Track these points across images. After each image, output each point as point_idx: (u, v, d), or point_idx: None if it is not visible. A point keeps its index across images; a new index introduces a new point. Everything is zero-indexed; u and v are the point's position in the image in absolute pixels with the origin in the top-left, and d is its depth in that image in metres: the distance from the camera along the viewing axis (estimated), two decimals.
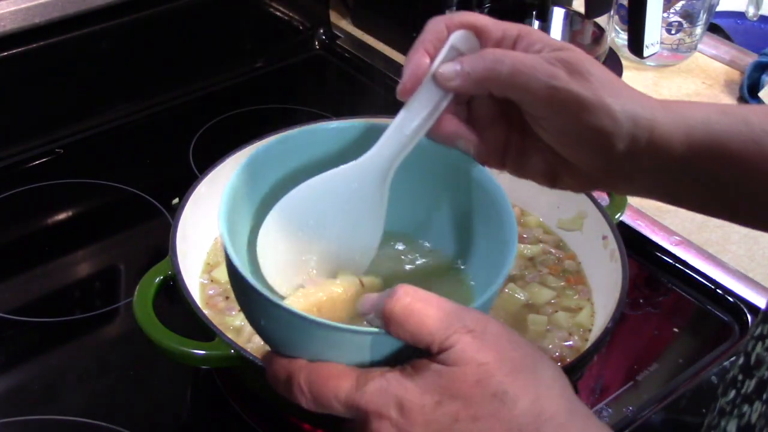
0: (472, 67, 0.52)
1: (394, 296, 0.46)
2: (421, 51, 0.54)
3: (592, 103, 0.50)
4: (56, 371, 0.74)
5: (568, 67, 0.51)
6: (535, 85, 0.50)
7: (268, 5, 1.16)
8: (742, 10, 1.29)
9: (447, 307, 0.46)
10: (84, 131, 1.00)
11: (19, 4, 0.92)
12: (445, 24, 0.55)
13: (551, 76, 0.50)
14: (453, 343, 0.45)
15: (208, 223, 0.77)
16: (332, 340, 0.48)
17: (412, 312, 0.45)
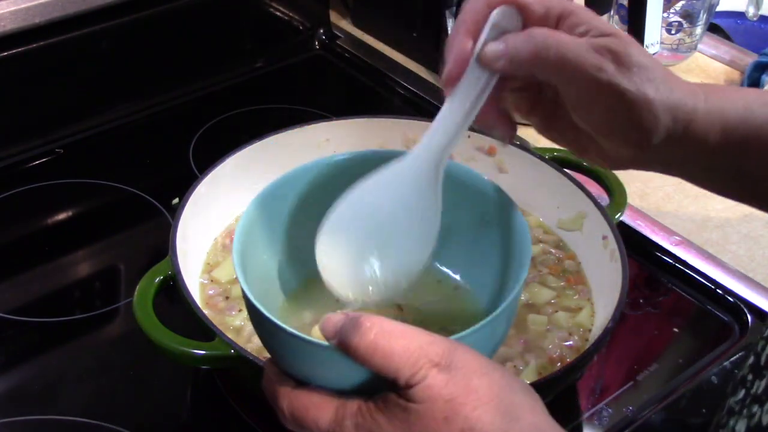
0: (517, 48, 0.50)
1: (358, 330, 0.45)
2: (462, 33, 0.52)
3: (635, 98, 0.49)
4: (56, 371, 0.74)
5: (615, 57, 0.49)
6: (581, 75, 0.49)
7: (268, 5, 1.16)
8: (742, 10, 1.28)
9: (412, 341, 0.45)
10: (84, 131, 1.00)
11: (19, 4, 0.92)
12: (485, 1, 0.52)
13: (598, 68, 0.49)
14: (419, 379, 0.45)
15: (208, 223, 0.77)
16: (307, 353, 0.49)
17: (376, 349, 0.45)
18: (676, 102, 0.51)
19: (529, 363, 0.68)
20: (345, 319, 0.46)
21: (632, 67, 0.49)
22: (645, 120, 0.50)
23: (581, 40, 0.50)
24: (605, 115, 0.51)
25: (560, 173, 0.79)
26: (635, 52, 0.50)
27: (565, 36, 0.50)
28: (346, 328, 0.46)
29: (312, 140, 0.82)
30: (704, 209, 0.92)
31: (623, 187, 0.79)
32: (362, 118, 0.82)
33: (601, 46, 0.50)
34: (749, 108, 0.52)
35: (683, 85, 0.52)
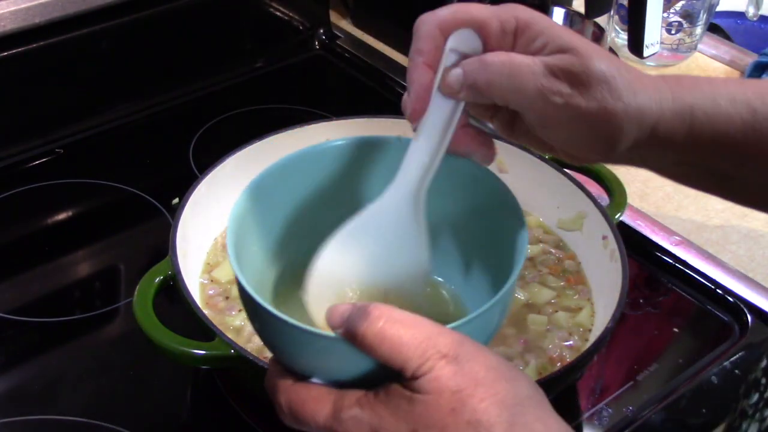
0: (474, 77, 0.50)
1: (367, 318, 0.45)
2: (420, 66, 0.52)
3: (596, 115, 0.49)
4: (56, 371, 0.74)
5: (572, 78, 0.48)
6: (537, 101, 0.49)
7: (268, 5, 1.15)
8: (742, 10, 1.28)
9: (421, 331, 0.45)
10: (84, 131, 1.00)
11: (19, 4, 0.92)
12: (437, 26, 0.51)
13: (553, 93, 0.48)
14: (427, 370, 0.44)
15: (208, 223, 0.77)
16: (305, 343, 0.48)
17: (384, 337, 0.45)
18: (641, 107, 0.50)
19: (529, 363, 0.68)
20: (352, 308, 0.46)
21: (591, 84, 0.48)
22: (608, 132, 0.50)
23: (537, 64, 0.49)
24: (566, 134, 0.51)
25: (560, 173, 0.79)
26: (596, 66, 0.48)
27: (519, 60, 0.49)
28: (353, 316, 0.46)
29: (312, 140, 0.81)
30: (704, 209, 0.92)
31: (623, 187, 0.79)
32: (362, 118, 0.82)
33: (557, 67, 0.49)
34: (717, 104, 0.50)
35: (648, 86, 0.50)
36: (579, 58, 0.49)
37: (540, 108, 0.49)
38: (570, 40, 0.49)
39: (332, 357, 0.48)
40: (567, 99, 0.48)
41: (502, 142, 0.82)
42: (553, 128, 0.51)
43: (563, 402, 0.71)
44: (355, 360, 0.46)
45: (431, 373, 0.44)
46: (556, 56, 0.49)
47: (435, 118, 0.52)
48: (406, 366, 0.45)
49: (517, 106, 0.50)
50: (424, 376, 0.44)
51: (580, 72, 0.48)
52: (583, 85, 0.48)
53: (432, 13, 0.52)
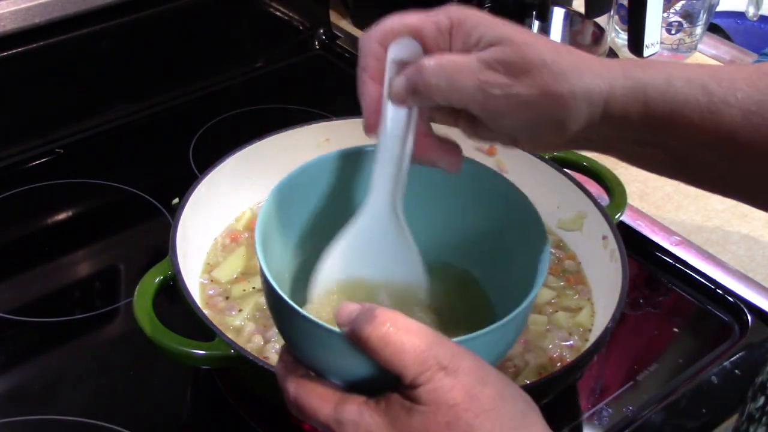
0: (415, 83, 0.51)
1: (372, 321, 0.46)
2: (367, 81, 0.53)
3: (538, 99, 0.49)
4: (56, 371, 0.74)
5: (507, 68, 0.49)
6: (477, 97, 0.49)
7: (268, 5, 1.16)
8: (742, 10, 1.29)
9: (423, 341, 0.45)
10: (84, 131, 1.00)
11: (19, 4, 0.92)
12: (376, 41, 0.53)
13: (491, 85, 0.49)
14: (425, 380, 0.45)
15: (208, 223, 0.77)
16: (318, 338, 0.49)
17: (387, 343, 0.45)
18: (587, 87, 0.49)
19: (529, 363, 0.68)
20: (360, 308, 0.47)
21: (530, 70, 0.49)
22: (557, 115, 0.50)
23: (472, 60, 0.50)
24: (515, 122, 0.51)
25: (560, 173, 0.79)
26: (532, 52, 0.49)
27: (454, 59, 0.50)
28: (360, 317, 0.46)
29: (312, 140, 0.82)
30: (704, 209, 0.92)
31: (623, 187, 0.79)
32: (362, 118, 0.82)
33: (492, 59, 0.49)
34: (671, 84, 0.50)
35: (595, 66, 0.50)
36: (513, 47, 0.49)
37: (482, 102, 0.50)
38: (504, 31, 0.50)
39: (337, 353, 0.48)
40: (506, 89, 0.49)
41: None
42: (501, 119, 0.51)
43: (563, 402, 0.71)
44: (359, 360, 0.47)
45: (430, 384, 0.45)
46: (490, 49, 0.50)
47: (391, 129, 0.53)
48: (404, 372, 0.45)
49: (459, 104, 0.51)
50: (423, 386, 0.45)
51: (515, 60, 0.49)
52: (522, 73, 0.49)
53: (370, 30, 0.53)
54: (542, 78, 0.49)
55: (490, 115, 0.51)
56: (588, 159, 0.83)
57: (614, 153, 0.55)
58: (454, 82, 0.50)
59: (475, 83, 0.49)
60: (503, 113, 0.50)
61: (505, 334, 0.54)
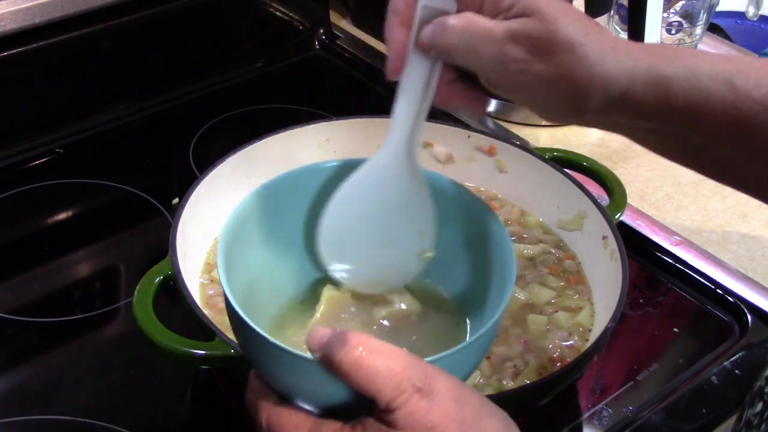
0: (438, 40, 0.50)
1: (344, 346, 0.45)
2: (396, 24, 0.52)
3: (556, 80, 0.49)
4: (56, 371, 0.74)
5: (532, 44, 0.48)
6: (496, 67, 0.49)
7: (268, 5, 1.16)
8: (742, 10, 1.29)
9: (397, 363, 0.45)
10: (84, 131, 1.00)
11: (19, 4, 0.92)
12: None
13: (511, 60, 0.48)
14: (401, 404, 0.44)
15: (208, 223, 0.77)
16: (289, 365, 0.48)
17: (360, 367, 0.44)
18: (608, 75, 0.49)
19: (529, 363, 0.68)
20: (331, 333, 0.46)
21: (555, 50, 0.48)
22: (572, 97, 0.49)
23: (498, 29, 0.49)
24: (529, 96, 0.51)
25: (560, 173, 0.79)
26: (561, 31, 0.48)
27: (481, 24, 0.49)
28: (331, 342, 0.45)
29: (312, 140, 0.82)
30: (704, 209, 0.92)
31: (623, 187, 0.79)
32: (362, 118, 0.82)
33: (518, 32, 0.48)
34: (697, 78, 0.50)
35: (621, 54, 0.50)
36: (544, 22, 0.48)
37: (500, 73, 0.49)
38: (538, 1, 0.49)
39: (309, 379, 0.47)
40: (525, 66, 0.48)
41: (502, 143, 0.82)
42: (516, 92, 0.51)
43: (563, 402, 0.71)
44: (332, 385, 0.46)
45: (405, 407, 0.44)
46: (519, 20, 0.49)
47: (414, 75, 0.53)
48: (379, 396, 0.44)
49: (477, 69, 0.51)
50: (399, 410, 0.44)
51: (542, 38, 0.48)
52: (545, 52, 0.48)
53: None
54: (564, 60, 0.48)
55: (506, 85, 0.50)
56: (588, 159, 0.83)
57: (626, 135, 0.55)
58: (475, 48, 0.49)
59: (495, 54, 0.49)
60: (519, 87, 0.50)
61: (476, 351, 0.53)
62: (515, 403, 0.63)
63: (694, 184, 0.95)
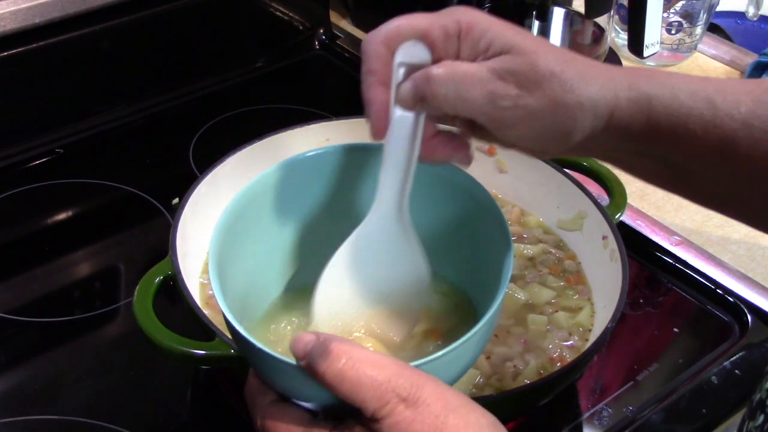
0: (423, 92, 0.50)
1: (327, 357, 0.45)
2: (374, 83, 0.52)
3: (547, 110, 0.49)
4: (56, 371, 0.74)
5: (518, 79, 0.48)
6: (486, 108, 0.49)
7: (268, 5, 1.16)
8: (742, 10, 1.29)
9: (381, 373, 0.45)
10: (84, 131, 1.00)
11: (19, 4, 0.92)
12: (382, 44, 0.52)
13: (501, 97, 0.48)
14: (386, 414, 0.44)
15: (208, 223, 0.77)
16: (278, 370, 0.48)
17: (344, 378, 0.44)
18: (594, 97, 0.49)
19: (529, 363, 0.68)
20: (315, 342, 0.45)
21: (539, 81, 0.48)
22: (562, 125, 0.50)
23: (482, 70, 0.49)
24: (521, 133, 0.51)
25: (560, 173, 0.79)
26: (541, 62, 0.48)
27: (464, 68, 0.49)
28: (314, 352, 0.45)
29: (312, 140, 0.81)
30: (704, 209, 0.92)
31: (623, 187, 0.79)
32: (362, 118, 0.81)
33: (502, 70, 0.49)
34: (676, 96, 0.50)
35: (601, 75, 0.50)
36: (523, 56, 0.49)
37: (490, 113, 0.49)
38: (513, 38, 0.49)
39: (298, 383, 0.47)
40: (516, 101, 0.49)
41: None
42: (507, 130, 0.50)
43: (563, 402, 0.71)
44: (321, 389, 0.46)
45: (390, 417, 0.44)
46: (500, 58, 0.49)
47: (399, 132, 0.53)
48: (364, 407, 0.44)
49: (466, 113, 0.50)
50: (383, 420, 0.44)
51: (526, 71, 0.48)
52: (532, 84, 0.48)
53: (376, 32, 0.52)
54: (551, 89, 0.48)
55: (497, 125, 0.50)
56: (588, 159, 0.83)
57: (613, 162, 0.56)
58: (463, 92, 0.49)
59: (484, 94, 0.49)
60: (510, 124, 0.50)
61: (464, 354, 0.53)
62: (515, 403, 0.63)
63: None
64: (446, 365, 0.50)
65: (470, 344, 0.52)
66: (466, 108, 0.50)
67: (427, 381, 0.46)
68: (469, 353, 0.53)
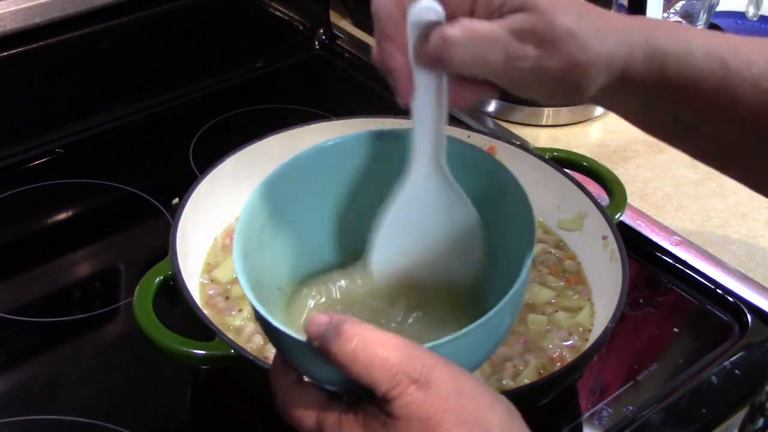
0: (439, 55, 0.49)
1: (339, 338, 0.45)
2: (393, 51, 0.51)
3: (564, 69, 0.48)
4: (56, 371, 0.74)
5: (537, 38, 0.48)
6: (505, 69, 0.48)
7: (268, 5, 1.16)
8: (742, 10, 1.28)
9: (393, 354, 0.45)
10: (84, 131, 1.00)
11: (19, 4, 0.92)
12: (394, 4, 0.50)
13: (521, 58, 0.48)
14: (397, 395, 0.44)
15: (208, 223, 0.77)
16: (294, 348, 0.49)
17: (356, 359, 0.45)
18: (609, 53, 0.49)
19: (529, 363, 0.68)
20: (328, 323, 0.46)
21: (558, 40, 0.48)
22: (576, 82, 0.49)
23: (499, 31, 0.48)
24: (535, 91, 0.50)
25: (560, 173, 0.79)
26: (558, 20, 0.47)
27: (482, 29, 0.48)
28: (327, 333, 0.45)
29: (312, 140, 0.81)
30: (704, 209, 0.92)
31: (623, 187, 0.79)
32: (362, 118, 0.82)
33: (521, 30, 0.48)
34: (692, 54, 0.50)
35: (618, 29, 0.50)
36: (540, 14, 0.48)
37: (508, 74, 0.49)
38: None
39: (313, 361, 0.48)
40: (535, 62, 0.48)
41: (502, 143, 0.82)
42: (524, 89, 0.50)
43: (563, 402, 0.71)
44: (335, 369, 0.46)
45: (401, 398, 0.44)
46: (517, 17, 0.48)
47: (424, 93, 0.52)
48: (376, 388, 0.45)
49: (484, 75, 0.50)
50: (395, 401, 0.44)
51: (544, 29, 0.48)
52: (549, 43, 0.48)
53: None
54: (568, 47, 0.48)
55: (513, 84, 0.50)
56: (588, 159, 0.83)
57: (623, 114, 0.55)
58: (481, 55, 0.48)
59: (503, 57, 0.48)
60: (528, 84, 0.50)
61: (481, 338, 0.52)
62: (515, 403, 0.63)
63: (694, 184, 0.95)
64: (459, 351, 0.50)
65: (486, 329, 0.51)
66: (483, 70, 0.49)
67: (438, 362, 0.46)
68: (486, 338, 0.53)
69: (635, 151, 0.99)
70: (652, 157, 0.98)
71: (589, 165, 0.82)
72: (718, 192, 0.94)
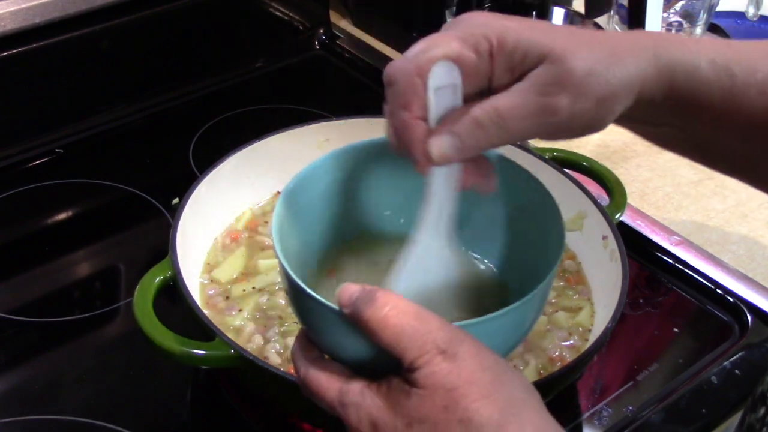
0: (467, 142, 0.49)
1: (373, 304, 0.46)
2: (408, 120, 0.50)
3: (596, 108, 0.48)
4: (56, 371, 0.74)
5: (563, 87, 0.48)
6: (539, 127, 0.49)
7: (268, 5, 1.16)
8: (742, 10, 1.28)
9: (423, 324, 0.46)
10: (84, 131, 1.00)
11: (19, 4, 0.92)
12: (416, 74, 0.49)
13: (552, 114, 0.48)
14: (423, 363, 0.45)
15: (208, 223, 0.77)
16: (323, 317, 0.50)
17: (387, 325, 0.46)
18: (629, 77, 0.49)
19: (529, 363, 0.68)
20: (361, 291, 0.47)
21: (582, 83, 0.48)
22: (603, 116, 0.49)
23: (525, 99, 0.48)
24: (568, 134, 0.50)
25: (560, 173, 0.79)
26: (576, 63, 0.47)
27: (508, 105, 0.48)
28: (361, 299, 0.46)
29: (312, 140, 0.82)
30: (704, 209, 0.92)
31: (623, 187, 0.79)
32: (362, 118, 0.82)
33: (545, 84, 0.48)
34: (698, 66, 0.50)
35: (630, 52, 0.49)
36: (560, 62, 0.48)
37: (543, 129, 0.49)
38: (545, 42, 0.48)
39: (341, 333, 0.49)
40: (568, 111, 0.48)
41: None
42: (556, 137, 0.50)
43: (563, 402, 0.71)
44: (362, 341, 0.47)
45: (427, 367, 0.45)
46: (539, 73, 0.48)
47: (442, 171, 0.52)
48: (404, 355, 0.45)
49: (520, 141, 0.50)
50: (421, 370, 0.45)
51: (568, 77, 0.47)
52: (574, 86, 0.48)
53: (405, 60, 0.49)
54: (593, 86, 0.48)
55: (549, 136, 0.50)
56: (588, 159, 0.83)
57: (635, 130, 0.55)
58: (515, 131, 0.48)
59: (535, 123, 0.48)
60: (562, 131, 0.49)
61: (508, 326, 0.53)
62: None
63: (694, 184, 0.95)
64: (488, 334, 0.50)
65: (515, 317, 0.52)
66: (517, 139, 0.49)
67: (466, 337, 0.46)
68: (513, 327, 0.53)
69: (635, 151, 0.99)
70: (652, 157, 0.98)
71: (589, 165, 0.82)
72: (718, 192, 0.94)
